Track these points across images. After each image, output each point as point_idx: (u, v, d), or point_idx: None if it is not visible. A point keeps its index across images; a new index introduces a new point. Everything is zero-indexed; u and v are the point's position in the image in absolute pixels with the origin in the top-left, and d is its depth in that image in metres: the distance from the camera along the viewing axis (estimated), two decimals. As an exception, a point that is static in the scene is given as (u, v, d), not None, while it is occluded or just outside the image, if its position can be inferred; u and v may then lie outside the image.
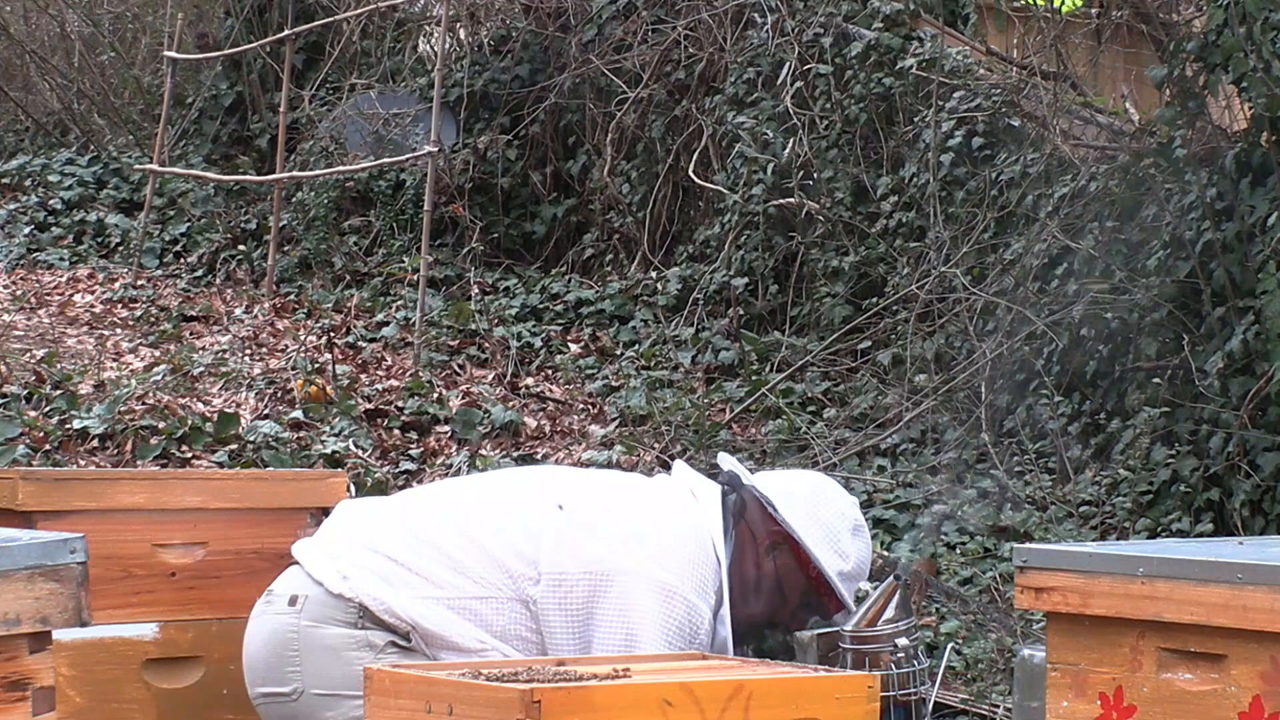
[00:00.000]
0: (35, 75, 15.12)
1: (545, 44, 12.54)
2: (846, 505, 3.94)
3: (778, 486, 3.98)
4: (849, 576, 3.93)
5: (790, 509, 3.92)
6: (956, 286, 9.39)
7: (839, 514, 3.93)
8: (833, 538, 3.91)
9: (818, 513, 3.91)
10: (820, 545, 3.90)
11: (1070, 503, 8.22)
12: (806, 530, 3.89)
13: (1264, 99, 7.88)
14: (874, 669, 5.23)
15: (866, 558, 3.97)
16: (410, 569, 3.74)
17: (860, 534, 3.96)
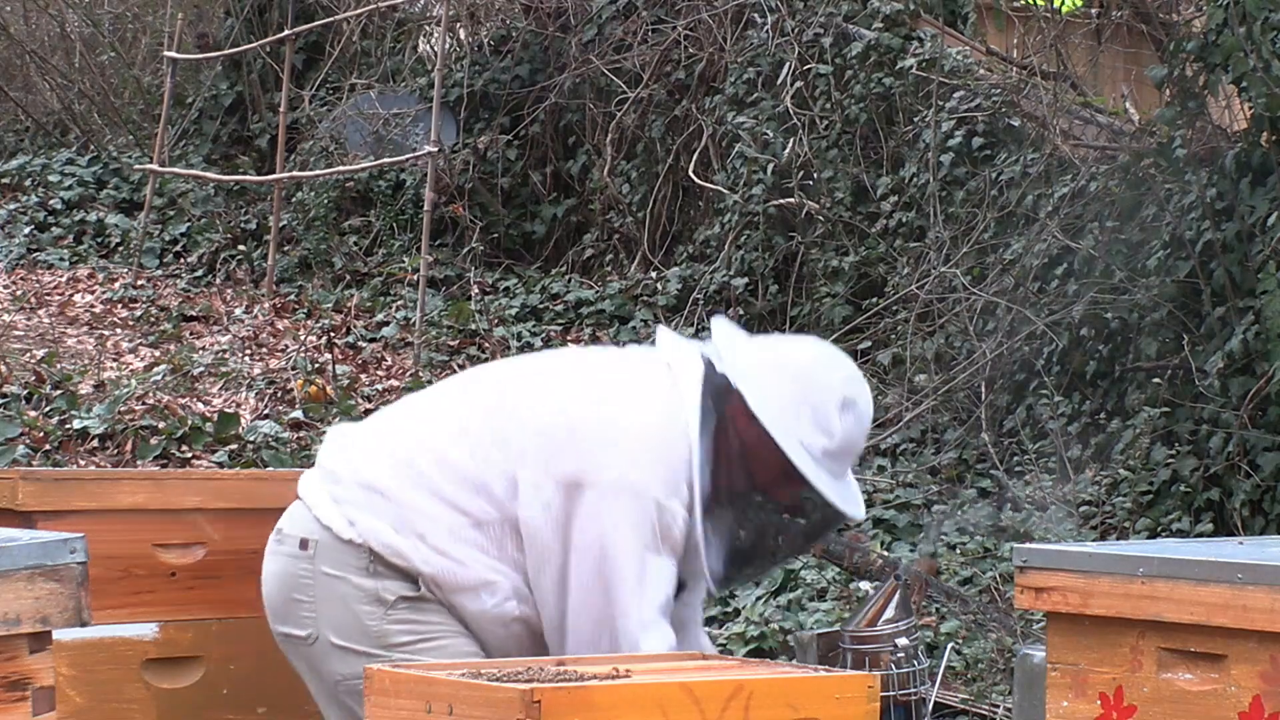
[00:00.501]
0: (35, 75, 15.12)
1: (545, 44, 12.54)
2: (840, 380, 3.63)
3: (765, 363, 3.66)
4: (835, 455, 3.60)
5: (767, 394, 3.60)
6: (956, 286, 9.39)
7: (828, 388, 3.60)
8: (819, 415, 3.59)
9: (807, 393, 3.60)
10: (796, 429, 3.58)
11: (1070, 503, 8.22)
12: (783, 417, 3.59)
13: (1264, 99, 7.88)
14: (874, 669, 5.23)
15: (857, 434, 3.62)
16: (409, 506, 3.69)
17: (851, 409, 3.61)
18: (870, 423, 3.69)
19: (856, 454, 3.67)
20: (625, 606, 3.61)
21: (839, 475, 3.64)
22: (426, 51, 13.46)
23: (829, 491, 3.60)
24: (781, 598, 7.36)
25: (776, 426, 3.58)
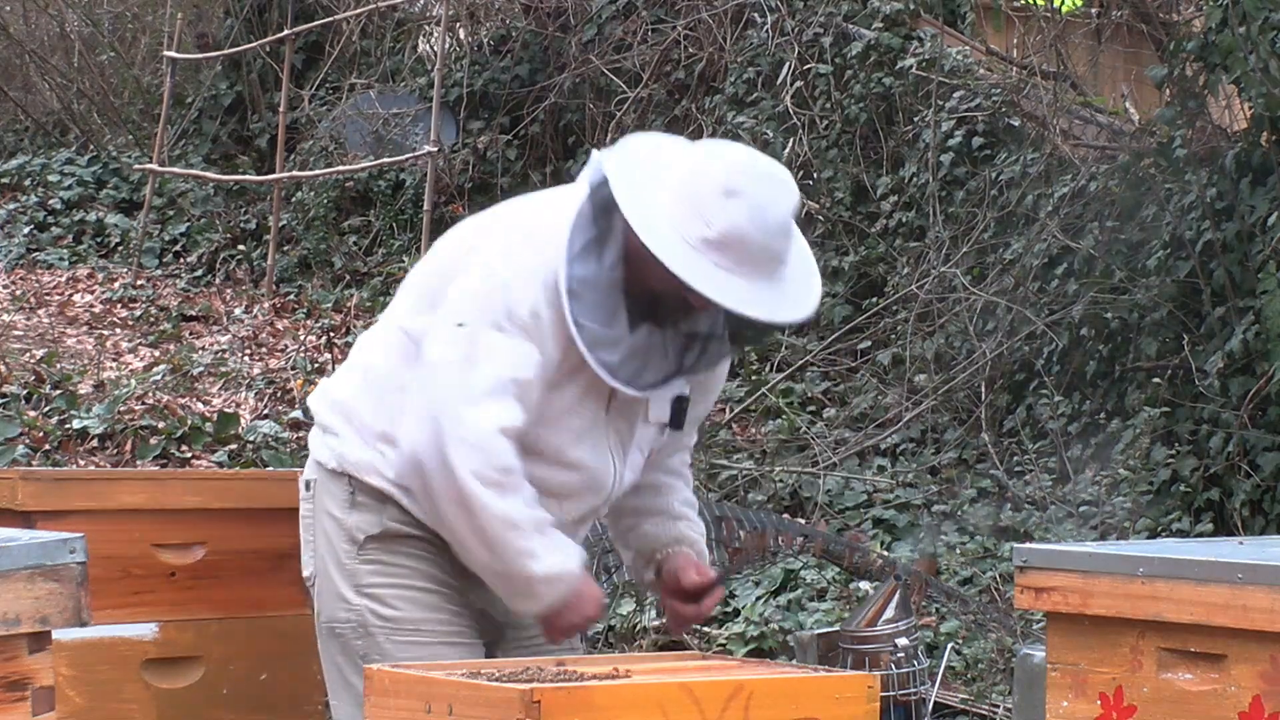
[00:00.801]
0: (35, 75, 15.12)
1: (545, 44, 12.54)
2: (722, 167, 3.50)
3: (646, 160, 3.54)
4: (719, 245, 3.43)
5: (635, 184, 3.47)
6: (956, 286, 9.39)
7: (709, 176, 3.47)
8: (698, 204, 3.44)
9: (688, 183, 3.47)
10: (669, 218, 3.44)
11: (1070, 503, 8.22)
12: (653, 206, 3.45)
13: (1264, 99, 7.89)
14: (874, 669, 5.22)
15: (747, 223, 3.45)
16: (367, 410, 3.70)
17: (736, 197, 3.46)
18: (776, 218, 3.50)
19: (758, 248, 3.46)
20: (453, 376, 3.51)
21: (733, 269, 3.45)
22: (426, 51, 13.46)
23: (695, 278, 3.42)
24: (781, 598, 7.36)
25: (635, 210, 3.45)
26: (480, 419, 3.48)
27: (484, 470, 3.48)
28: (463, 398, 3.49)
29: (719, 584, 3.85)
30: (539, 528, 3.53)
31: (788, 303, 3.55)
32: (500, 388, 3.49)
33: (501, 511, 3.49)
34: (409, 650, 3.63)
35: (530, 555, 3.52)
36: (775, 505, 8.46)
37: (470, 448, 3.48)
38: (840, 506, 8.49)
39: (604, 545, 7.50)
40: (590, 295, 3.50)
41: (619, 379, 3.55)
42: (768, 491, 8.54)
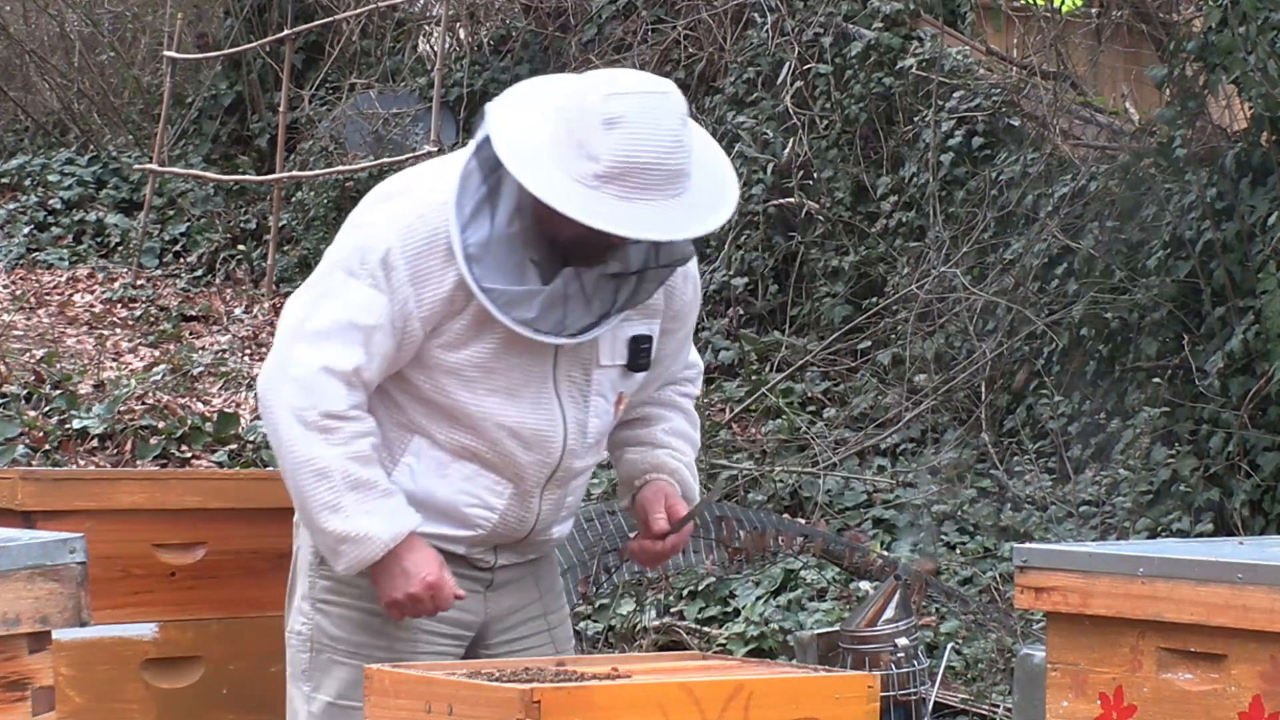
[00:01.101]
0: (35, 75, 15.12)
1: (545, 44, 12.54)
2: (599, 100, 3.33)
3: (529, 109, 3.44)
4: (614, 177, 3.31)
5: (516, 133, 3.39)
6: (956, 286, 9.39)
7: (588, 111, 3.33)
8: (583, 142, 3.32)
9: (570, 124, 3.35)
10: (556, 162, 3.33)
11: (1070, 503, 8.22)
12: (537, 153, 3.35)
13: (1263, 99, 7.89)
14: (874, 669, 5.23)
15: (634, 148, 3.31)
16: None
17: (617, 125, 3.31)
18: (664, 136, 3.34)
19: (653, 171, 3.32)
20: (297, 312, 3.49)
21: (632, 197, 3.33)
22: (426, 51, 13.46)
23: (594, 217, 3.31)
24: (781, 598, 7.36)
25: (518, 162, 3.36)
26: (307, 356, 3.42)
27: (304, 410, 3.40)
28: (297, 334, 3.46)
29: (687, 520, 3.68)
30: (356, 484, 3.41)
31: (698, 213, 3.41)
32: (337, 329, 3.42)
33: (310, 456, 3.40)
34: (353, 672, 3.55)
35: (332, 509, 3.41)
36: (775, 505, 8.46)
37: (295, 384, 3.41)
38: (840, 506, 8.49)
39: (604, 545, 7.50)
40: (492, 255, 3.42)
41: (542, 332, 3.45)
42: (768, 491, 8.54)
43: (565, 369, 3.54)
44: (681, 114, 3.38)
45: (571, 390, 3.56)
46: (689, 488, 3.73)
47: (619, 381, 3.62)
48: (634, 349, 3.60)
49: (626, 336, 3.58)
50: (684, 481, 3.73)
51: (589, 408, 3.58)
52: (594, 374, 3.58)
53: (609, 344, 3.57)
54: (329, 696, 3.62)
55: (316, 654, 3.63)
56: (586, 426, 3.58)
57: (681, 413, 3.80)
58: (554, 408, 3.54)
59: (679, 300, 3.69)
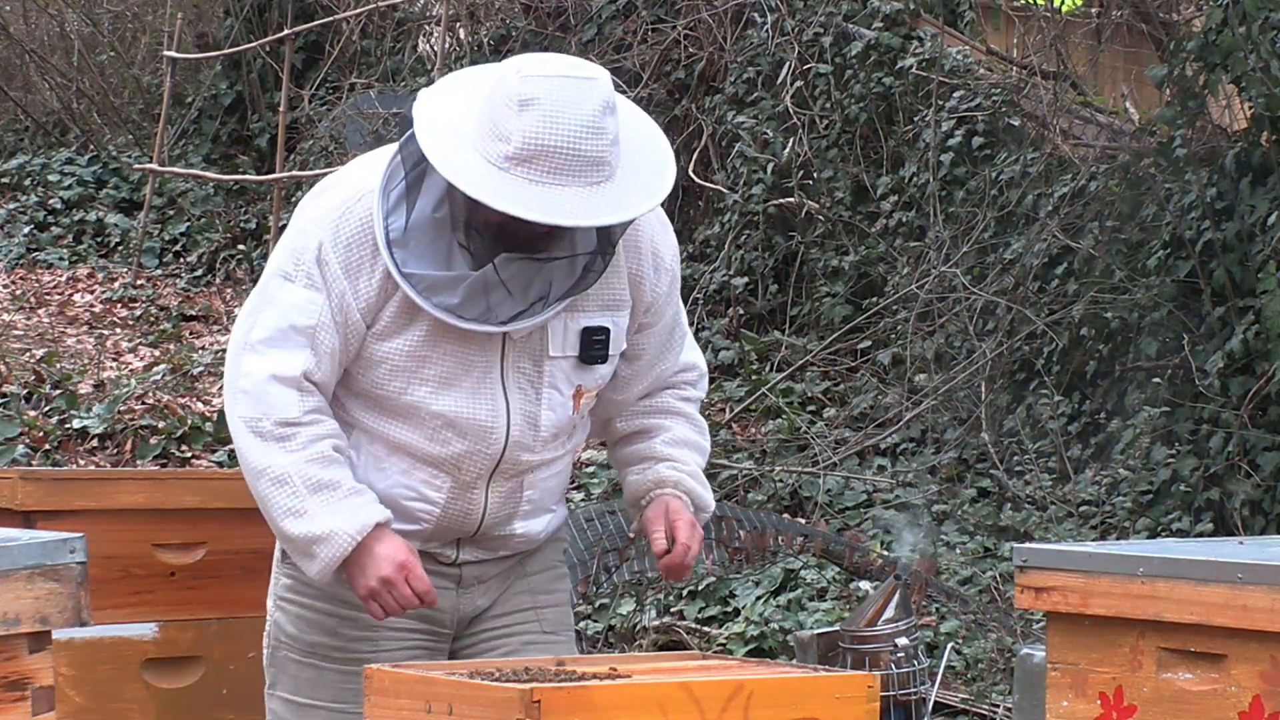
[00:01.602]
0: (35, 75, 15.13)
1: (545, 44, 12.53)
2: (515, 82, 3.26)
3: (448, 91, 3.39)
4: (526, 159, 3.23)
5: (431, 118, 3.33)
6: (956, 286, 9.39)
7: (502, 94, 3.27)
8: (495, 123, 3.26)
9: (486, 107, 3.29)
10: (469, 144, 3.28)
11: (1070, 503, 8.22)
12: (449, 135, 3.30)
13: (1264, 99, 7.89)
14: (874, 669, 5.23)
15: (546, 130, 3.24)
16: None
17: (530, 106, 3.24)
18: (579, 120, 3.26)
19: (565, 155, 3.25)
20: (241, 324, 3.46)
21: (544, 180, 3.26)
22: (426, 51, 13.46)
23: (497, 198, 3.24)
24: (781, 598, 7.36)
25: (431, 142, 3.31)
26: (254, 367, 3.40)
27: (257, 420, 3.38)
28: (243, 346, 3.43)
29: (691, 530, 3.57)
30: (318, 487, 3.38)
31: (615, 201, 3.31)
32: (280, 335, 3.40)
33: (267, 464, 3.38)
34: (305, 671, 3.55)
35: (295, 514, 3.38)
36: (775, 505, 8.46)
37: (245, 396, 3.40)
38: (840, 506, 8.49)
39: (604, 545, 7.50)
40: (415, 241, 3.37)
41: (466, 319, 3.38)
42: (768, 491, 8.54)
43: (514, 359, 3.47)
44: (604, 100, 3.30)
45: (520, 381, 3.48)
46: (696, 495, 3.63)
47: (573, 374, 3.52)
48: (586, 340, 3.50)
49: (579, 328, 3.49)
50: (689, 491, 3.63)
51: (540, 400, 3.50)
52: (545, 365, 3.50)
53: (560, 335, 3.49)
54: (285, 693, 3.60)
55: (274, 650, 3.61)
56: (538, 419, 3.50)
57: (683, 418, 3.70)
58: (497, 398, 3.47)
59: (650, 292, 3.56)
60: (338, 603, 3.55)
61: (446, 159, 3.28)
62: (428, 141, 3.31)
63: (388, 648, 3.54)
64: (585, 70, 3.33)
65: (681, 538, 3.55)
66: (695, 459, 3.67)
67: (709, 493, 3.67)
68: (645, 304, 3.56)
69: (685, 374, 3.71)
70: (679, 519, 3.58)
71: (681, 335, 3.70)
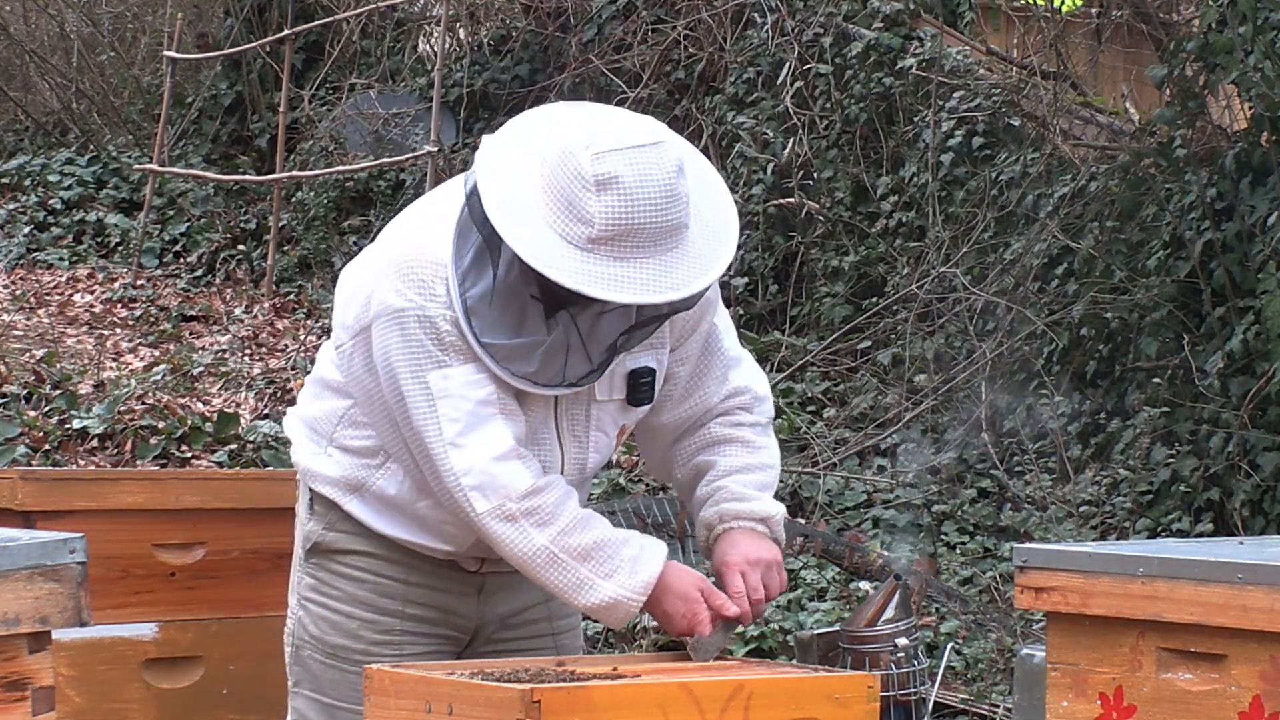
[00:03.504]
0: (35, 75, 15.13)
1: (545, 44, 12.54)
2: (589, 160, 3.23)
3: (515, 166, 3.32)
4: (608, 240, 3.22)
5: (504, 196, 3.28)
6: (956, 286, 9.39)
7: (577, 175, 3.23)
8: (573, 205, 3.23)
9: (558, 185, 3.25)
10: (549, 225, 3.24)
11: (1070, 503, 8.22)
12: (526, 217, 3.26)
13: (1262, 99, 7.89)
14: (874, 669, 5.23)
15: (626, 210, 3.21)
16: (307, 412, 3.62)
17: (611, 188, 3.21)
18: (658, 192, 3.25)
19: (649, 229, 3.24)
20: (425, 432, 3.37)
21: (629, 257, 3.25)
22: (426, 51, 13.46)
23: (588, 285, 3.22)
24: (781, 598, 7.36)
25: (510, 228, 3.25)
26: (469, 461, 3.34)
27: (500, 507, 3.34)
28: (443, 453, 3.36)
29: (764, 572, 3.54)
30: (584, 555, 3.35)
31: (696, 266, 3.30)
32: (471, 419, 3.35)
33: (532, 551, 3.35)
34: (329, 672, 3.55)
35: (578, 588, 3.36)
36: (775, 505, 8.45)
37: (477, 492, 3.34)
38: (840, 506, 8.49)
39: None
40: (491, 310, 3.34)
41: (542, 384, 3.39)
42: (768, 491, 8.53)
43: (567, 407, 3.48)
44: (676, 164, 3.30)
45: (575, 428, 3.49)
46: (751, 514, 3.56)
47: (619, 415, 3.53)
48: (633, 383, 3.51)
49: (625, 371, 3.49)
50: (752, 512, 3.56)
51: (589, 443, 3.51)
52: (592, 410, 3.50)
53: (606, 379, 3.47)
54: (310, 693, 3.61)
55: (297, 650, 3.62)
56: (585, 463, 3.51)
57: (736, 444, 3.63)
58: (554, 447, 3.48)
59: (680, 319, 3.54)
60: (360, 605, 3.55)
61: (531, 248, 3.25)
62: (505, 225, 3.26)
63: (409, 651, 3.54)
64: (650, 134, 3.32)
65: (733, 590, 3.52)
66: (745, 479, 3.60)
67: (764, 502, 3.59)
68: (675, 330, 3.55)
69: (736, 398, 3.64)
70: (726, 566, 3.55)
71: (725, 360, 3.63)
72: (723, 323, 3.64)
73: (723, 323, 3.64)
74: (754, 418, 3.64)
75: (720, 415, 3.63)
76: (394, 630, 3.53)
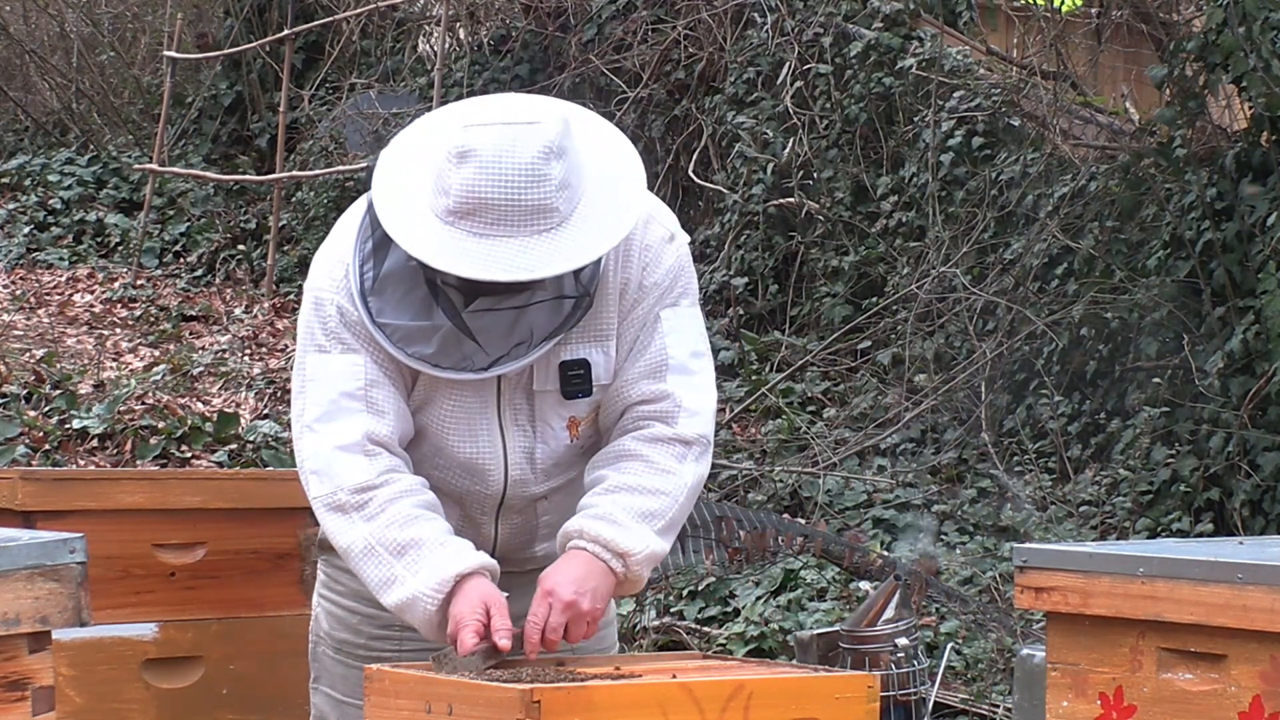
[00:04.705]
0: (35, 75, 15.13)
1: (545, 44, 12.54)
2: (454, 131, 3.21)
3: (406, 145, 3.33)
4: (465, 212, 3.18)
5: (386, 173, 3.29)
6: (956, 286, 9.39)
7: (442, 147, 3.22)
8: (439, 177, 3.21)
9: (430, 159, 3.25)
10: (416, 199, 3.24)
11: (1070, 503, 8.22)
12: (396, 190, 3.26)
13: (1264, 99, 7.89)
14: (874, 669, 5.23)
15: (475, 183, 3.17)
16: None
17: (468, 159, 3.18)
18: (516, 169, 3.19)
19: (503, 206, 3.19)
20: (293, 410, 3.43)
21: (486, 233, 3.19)
22: (426, 51, 13.46)
23: (434, 255, 3.19)
24: (781, 598, 7.36)
25: (381, 198, 3.27)
26: (316, 445, 3.35)
27: (332, 495, 3.34)
28: (300, 432, 3.39)
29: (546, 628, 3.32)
30: (400, 550, 3.29)
31: (559, 251, 3.23)
32: (332, 408, 3.35)
33: (352, 539, 3.32)
34: (339, 668, 3.55)
35: (388, 584, 3.30)
36: (775, 505, 8.46)
37: (316, 476, 3.35)
38: (840, 506, 8.49)
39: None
40: (393, 290, 3.33)
41: (443, 368, 3.33)
42: (768, 491, 8.54)
43: (510, 396, 3.43)
44: (546, 146, 3.21)
45: (519, 418, 3.44)
46: (604, 540, 3.34)
47: (560, 407, 3.44)
48: (564, 375, 3.42)
49: (558, 361, 3.41)
50: (597, 537, 3.34)
51: (535, 434, 3.44)
52: (535, 400, 3.44)
53: (542, 369, 3.41)
54: (327, 689, 3.61)
55: (315, 645, 3.63)
56: (534, 454, 3.45)
57: (639, 461, 3.41)
58: (494, 438, 3.43)
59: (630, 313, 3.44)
60: (360, 600, 3.54)
61: (391, 215, 3.25)
62: (380, 196, 3.28)
63: (409, 648, 3.52)
64: (530, 114, 3.26)
65: (531, 618, 3.30)
66: (627, 501, 3.37)
67: (634, 534, 3.34)
68: (622, 321, 3.45)
69: (657, 404, 3.44)
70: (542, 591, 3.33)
71: (662, 359, 3.45)
72: (680, 324, 3.48)
73: (680, 324, 3.48)
74: (671, 431, 3.42)
75: (635, 428, 3.44)
76: (394, 625, 3.52)
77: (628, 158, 3.45)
